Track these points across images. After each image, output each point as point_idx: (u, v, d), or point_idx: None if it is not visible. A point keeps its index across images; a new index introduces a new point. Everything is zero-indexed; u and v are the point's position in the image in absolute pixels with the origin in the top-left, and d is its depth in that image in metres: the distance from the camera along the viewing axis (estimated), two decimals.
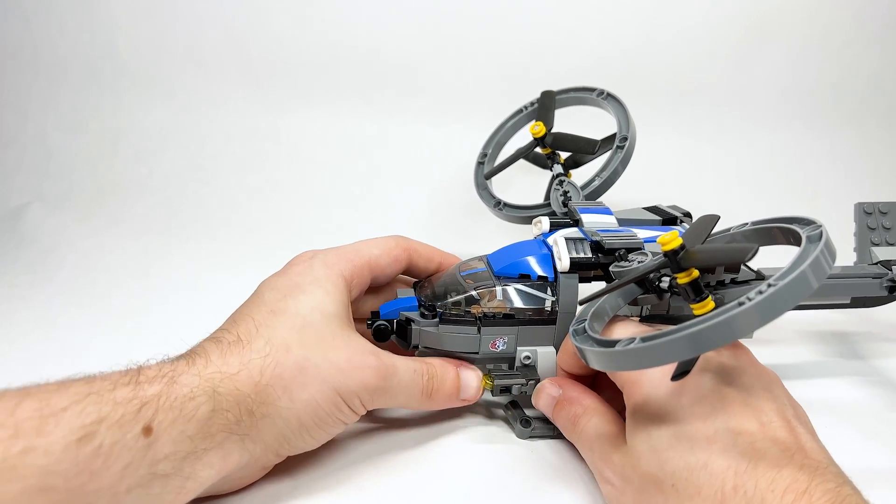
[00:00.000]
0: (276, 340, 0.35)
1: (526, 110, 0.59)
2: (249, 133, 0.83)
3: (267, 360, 0.34)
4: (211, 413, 0.31)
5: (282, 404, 0.34)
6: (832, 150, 0.86)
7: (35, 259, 0.67)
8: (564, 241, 0.42)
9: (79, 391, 0.28)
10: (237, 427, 0.33)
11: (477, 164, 0.59)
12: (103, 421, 0.28)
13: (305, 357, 0.35)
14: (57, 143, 0.84)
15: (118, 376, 0.30)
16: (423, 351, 0.42)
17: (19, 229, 0.72)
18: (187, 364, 0.32)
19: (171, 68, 0.85)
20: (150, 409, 0.29)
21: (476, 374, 0.42)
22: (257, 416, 0.33)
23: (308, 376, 0.35)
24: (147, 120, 0.85)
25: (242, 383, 0.33)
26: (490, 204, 0.56)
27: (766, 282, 0.28)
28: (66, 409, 0.27)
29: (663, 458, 0.30)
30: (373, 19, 0.83)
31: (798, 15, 0.83)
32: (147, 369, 0.31)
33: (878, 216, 0.53)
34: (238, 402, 0.32)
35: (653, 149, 0.84)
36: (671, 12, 0.82)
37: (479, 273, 0.43)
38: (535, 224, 0.47)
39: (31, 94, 0.86)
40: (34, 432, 0.26)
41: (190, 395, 0.31)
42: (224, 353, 0.34)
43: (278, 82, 0.84)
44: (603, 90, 0.56)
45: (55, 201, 0.78)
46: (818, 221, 0.34)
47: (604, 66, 0.83)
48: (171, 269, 0.66)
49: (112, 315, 0.57)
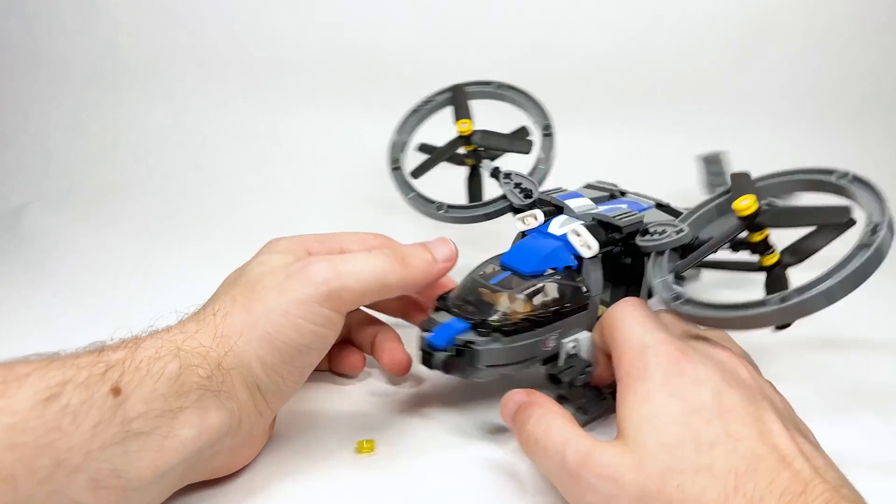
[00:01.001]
0: (226, 298, 0.36)
1: (426, 106, 0.58)
2: (249, 133, 0.83)
3: (219, 314, 0.35)
4: (180, 370, 0.32)
5: (238, 349, 0.34)
6: (832, 150, 0.86)
7: (35, 259, 0.67)
8: (584, 228, 0.42)
9: (41, 360, 0.29)
10: (209, 382, 0.33)
11: (392, 171, 0.56)
12: (68, 383, 0.28)
13: (250, 298, 0.35)
14: (57, 143, 0.84)
15: (82, 349, 0.31)
16: (486, 371, 0.39)
17: (19, 229, 0.72)
18: (149, 336, 0.33)
19: (172, 68, 0.85)
20: (117, 372, 0.30)
21: (444, 239, 0.42)
22: (225, 367, 0.34)
23: (255, 313, 0.35)
24: (147, 120, 0.85)
25: (203, 338, 0.34)
26: (430, 209, 0.52)
27: (860, 242, 0.33)
28: (28, 374, 0.28)
29: (672, 456, 0.30)
30: (373, 19, 0.83)
31: (798, 14, 0.83)
32: (110, 343, 0.32)
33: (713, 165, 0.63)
34: (204, 356, 0.33)
35: (653, 148, 0.84)
36: (671, 12, 0.82)
37: (509, 278, 0.41)
38: (525, 219, 0.45)
39: (31, 94, 0.86)
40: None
41: (155, 355, 0.31)
42: (183, 322, 0.35)
43: (278, 82, 0.84)
44: (503, 83, 0.57)
45: (55, 201, 0.78)
46: (849, 171, 0.38)
47: (604, 67, 0.83)
48: (171, 269, 0.66)
49: (112, 315, 0.57)
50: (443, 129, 0.56)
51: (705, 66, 0.84)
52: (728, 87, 0.84)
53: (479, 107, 0.55)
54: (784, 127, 0.85)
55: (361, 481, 0.38)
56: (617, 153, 0.84)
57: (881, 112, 0.87)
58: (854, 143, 0.86)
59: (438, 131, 0.56)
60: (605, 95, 0.84)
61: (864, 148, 0.86)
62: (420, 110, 0.58)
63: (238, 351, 0.34)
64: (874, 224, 0.34)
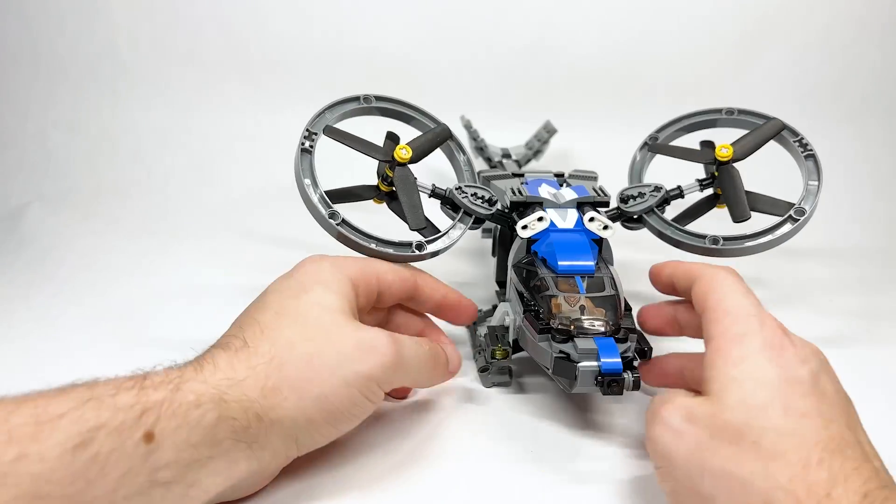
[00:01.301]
0: (281, 340, 0.35)
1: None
2: (249, 133, 0.83)
3: (273, 362, 0.34)
4: (217, 420, 0.31)
5: (289, 404, 0.33)
6: (832, 150, 0.86)
7: (35, 259, 0.67)
8: (599, 213, 0.46)
9: (79, 396, 0.28)
10: (245, 434, 0.32)
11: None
12: (102, 427, 0.27)
13: (310, 352, 0.34)
14: (57, 143, 0.84)
15: (122, 381, 0.30)
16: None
17: (19, 229, 0.72)
18: (195, 370, 0.32)
19: (171, 68, 0.85)
20: (153, 416, 0.29)
21: (453, 346, 0.44)
22: (266, 421, 0.33)
23: (314, 370, 0.34)
24: (147, 120, 0.85)
25: (249, 388, 0.32)
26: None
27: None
28: (63, 415, 0.27)
29: (754, 415, 0.30)
30: (373, 19, 0.83)
31: (798, 15, 0.83)
32: (153, 375, 0.31)
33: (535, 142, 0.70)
34: (245, 408, 0.32)
35: None
36: (671, 12, 0.82)
37: (588, 283, 0.41)
38: (531, 224, 0.45)
39: (31, 95, 0.86)
40: (28, 438, 0.26)
41: (196, 402, 0.30)
42: (231, 359, 0.33)
43: (278, 82, 0.84)
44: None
45: (55, 201, 0.78)
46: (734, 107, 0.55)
47: (603, 67, 0.83)
48: (171, 269, 0.66)
49: (112, 315, 0.57)
50: None
51: (705, 66, 0.84)
52: (728, 87, 0.84)
53: None
54: None
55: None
56: (617, 153, 0.84)
57: (881, 112, 0.87)
58: (854, 143, 0.86)
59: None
60: (605, 95, 0.84)
61: (865, 148, 0.86)
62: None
63: (287, 407, 0.33)
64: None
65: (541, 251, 0.44)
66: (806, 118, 0.88)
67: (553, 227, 0.45)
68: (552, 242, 0.44)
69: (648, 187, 0.51)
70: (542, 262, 0.43)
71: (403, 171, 0.47)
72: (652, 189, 0.51)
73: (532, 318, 0.40)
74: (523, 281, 0.43)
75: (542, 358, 0.39)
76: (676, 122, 0.58)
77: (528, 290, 0.42)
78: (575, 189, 0.48)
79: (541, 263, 0.43)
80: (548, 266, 0.43)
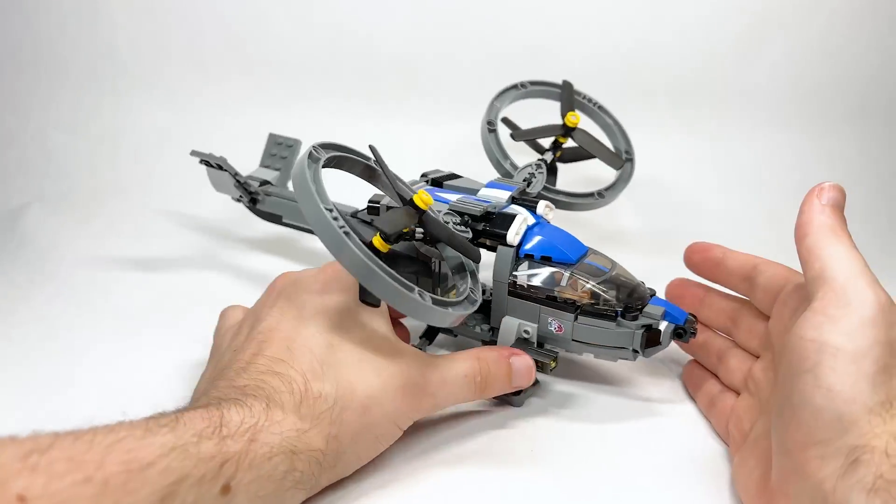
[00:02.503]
0: (342, 382, 0.35)
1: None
2: (249, 133, 0.83)
3: (335, 408, 0.35)
4: (285, 473, 0.32)
5: (348, 453, 0.35)
6: (832, 150, 0.86)
7: (35, 259, 0.67)
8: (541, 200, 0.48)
9: (164, 444, 0.28)
10: (306, 482, 0.33)
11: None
12: (186, 480, 0.28)
13: (369, 396, 0.36)
14: (57, 143, 0.84)
15: (201, 424, 0.30)
16: None
17: (19, 229, 0.72)
18: (266, 415, 0.33)
19: (171, 68, 0.85)
20: (231, 467, 0.30)
21: (526, 359, 0.42)
22: (326, 468, 0.34)
23: (372, 417, 0.36)
24: (147, 120, 0.85)
25: (314, 439, 0.34)
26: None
27: None
28: (151, 464, 0.27)
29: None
30: (373, 19, 0.83)
31: (798, 15, 0.83)
32: (229, 420, 0.31)
33: (284, 148, 0.66)
34: (310, 458, 0.33)
35: (653, 149, 0.84)
36: (671, 12, 0.82)
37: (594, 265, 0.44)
38: (548, 208, 0.48)
39: (31, 95, 0.86)
40: (121, 490, 0.26)
41: (269, 454, 0.31)
42: (298, 406, 0.34)
43: (278, 82, 0.84)
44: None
45: (55, 201, 0.78)
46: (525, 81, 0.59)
47: (603, 67, 0.83)
48: (172, 270, 0.66)
49: (112, 315, 0.57)
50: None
51: (705, 66, 0.84)
52: (728, 87, 0.84)
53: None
54: (784, 127, 0.85)
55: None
56: None
57: (881, 112, 0.87)
58: (854, 143, 0.86)
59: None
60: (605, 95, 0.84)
61: (865, 148, 0.86)
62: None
63: (345, 454, 0.35)
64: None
65: (537, 252, 0.44)
66: (806, 118, 0.88)
67: (537, 223, 0.45)
68: (548, 239, 0.44)
69: (530, 167, 0.54)
70: (546, 261, 0.43)
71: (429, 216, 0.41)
72: (535, 168, 0.54)
73: (593, 310, 0.42)
74: (540, 288, 0.43)
75: (620, 339, 0.42)
76: (498, 100, 0.60)
77: (553, 291, 0.43)
78: (499, 187, 0.49)
79: (543, 262, 0.43)
80: (557, 262, 0.43)
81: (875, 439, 0.29)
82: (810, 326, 0.32)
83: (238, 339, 0.39)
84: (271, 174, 0.65)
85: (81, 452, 0.26)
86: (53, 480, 0.25)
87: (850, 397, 0.30)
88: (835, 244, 0.35)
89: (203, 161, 0.60)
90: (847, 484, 0.29)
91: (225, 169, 0.59)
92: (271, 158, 0.66)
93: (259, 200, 0.61)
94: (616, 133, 0.63)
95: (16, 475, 0.24)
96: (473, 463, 0.40)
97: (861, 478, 0.28)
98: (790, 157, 0.85)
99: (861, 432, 0.29)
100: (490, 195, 0.48)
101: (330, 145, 0.41)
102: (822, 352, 0.31)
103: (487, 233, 0.45)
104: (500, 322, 0.44)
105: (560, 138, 0.57)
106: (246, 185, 0.61)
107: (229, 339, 0.41)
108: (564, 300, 0.42)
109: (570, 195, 0.57)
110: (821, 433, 0.30)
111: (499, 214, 0.45)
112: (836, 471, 0.29)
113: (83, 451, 0.26)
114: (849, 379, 0.30)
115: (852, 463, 0.29)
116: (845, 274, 0.33)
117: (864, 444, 0.29)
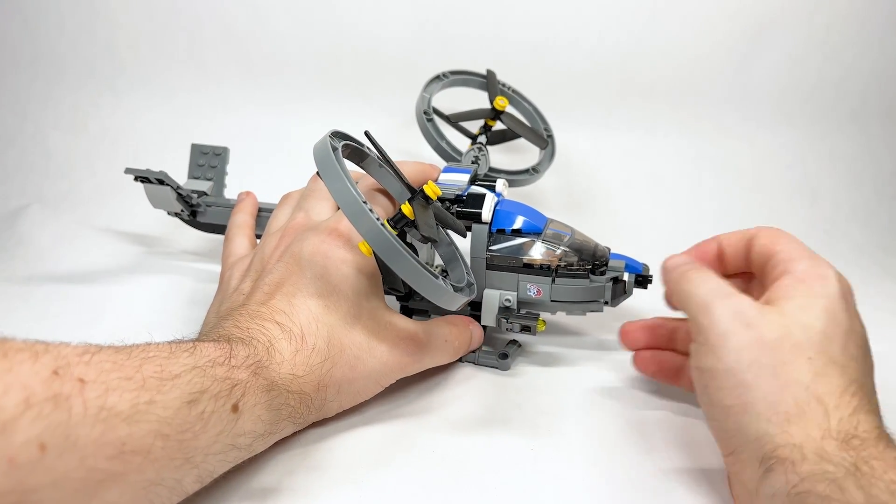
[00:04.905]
0: (334, 340, 0.40)
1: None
2: (249, 133, 0.83)
3: (325, 363, 0.39)
4: (281, 405, 0.37)
5: (332, 399, 0.40)
6: (832, 150, 0.86)
7: (34, 259, 0.67)
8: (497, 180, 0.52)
9: (186, 363, 0.33)
10: (297, 417, 0.39)
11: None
12: (205, 392, 0.32)
13: (356, 357, 0.41)
14: (57, 143, 0.84)
15: (214, 352, 0.34)
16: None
17: (19, 229, 0.72)
18: (267, 355, 0.37)
19: (171, 68, 0.85)
20: (240, 391, 0.34)
21: (478, 327, 0.49)
22: (313, 409, 0.40)
23: (357, 373, 0.41)
24: (146, 120, 0.85)
25: (307, 384, 0.39)
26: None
27: None
28: (178, 375, 0.32)
29: (830, 340, 0.34)
30: (373, 19, 0.83)
31: (798, 14, 0.83)
32: (237, 354, 0.35)
33: (212, 157, 0.66)
34: (301, 399, 0.38)
35: (653, 149, 0.84)
36: (671, 12, 0.82)
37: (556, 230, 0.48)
38: (504, 185, 0.52)
39: (30, 95, 0.86)
40: (156, 389, 0.30)
41: (268, 387, 0.36)
42: (294, 354, 0.39)
43: (278, 82, 0.84)
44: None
45: (55, 201, 0.78)
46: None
47: (603, 67, 0.83)
48: (171, 270, 0.66)
49: (112, 315, 0.57)
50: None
51: (705, 66, 0.84)
52: (728, 87, 0.84)
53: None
54: (784, 127, 0.85)
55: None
56: (617, 153, 0.84)
57: (881, 112, 0.87)
58: (854, 143, 0.86)
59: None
60: (604, 95, 0.84)
61: (865, 148, 0.86)
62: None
63: (330, 400, 0.41)
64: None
65: (508, 226, 0.47)
66: (806, 118, 0.88)
67: (499, 200, 0.50)
68: (515, 213, 0.48)
69: (473, 150, 0.57)
70: (517, 233, 0.47)
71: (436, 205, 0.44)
72: (478, 150, 0.57)
73: (567, 272, 0.46)
74: (517, 258, 0.47)
75: (594, 294, 0.47)
76: (426, 90, 0.64)
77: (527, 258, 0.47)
78: (456, 171, 0.51)
79: (514, 235, 0.47)
80: (527, 232, 0.47)
81: (783, 449, 0.31)
82: (693, 356, 0.36)
83: (245, 284, 0.45)
84: (205, 184, 0.65)
85: (123, 359, 0.30)
86: (103, 374, 0.29)
87: (741, 410, 0.33)
88: (699, 274, 0.38)
89: (139, 178, 0.60)
90: (765, 489, 0.32)
91: (167, 183, 0.60)
92: (199, 169, 0.66)
93: (200, 212, 0.63)
94: (535, 117, 0.67)
95: (76, 363, 0.28)
96: (449, 409, 0.44)
97: (773, 483, 0.31)
98: (790, 157, 0.85)
99: (774, 443, 0.31)
100: (451, 179, 0.50)
101: (339, 134, 0.44)
102: (709, 376, 0.34)
103: (462, 214, 0.48)
104: (482, 296, 0.48)
105: (489, 121, 0.61)
106: (187, 199, 0.61)
107: (238, 279, 0.47)
108: (540, 266, 0.46)
109: (510, 173, 0.62)
110: (733, 442, 0.33)
111: (469, 195, 0.48)
112: (756, 476, 0.32)
113: (124, 358, 0.31)
114: (734, 394, 0.33)
115: (766, 471, 0.31)
116: (706, 300, 0.36)
117: (774, 454, 0.31)
